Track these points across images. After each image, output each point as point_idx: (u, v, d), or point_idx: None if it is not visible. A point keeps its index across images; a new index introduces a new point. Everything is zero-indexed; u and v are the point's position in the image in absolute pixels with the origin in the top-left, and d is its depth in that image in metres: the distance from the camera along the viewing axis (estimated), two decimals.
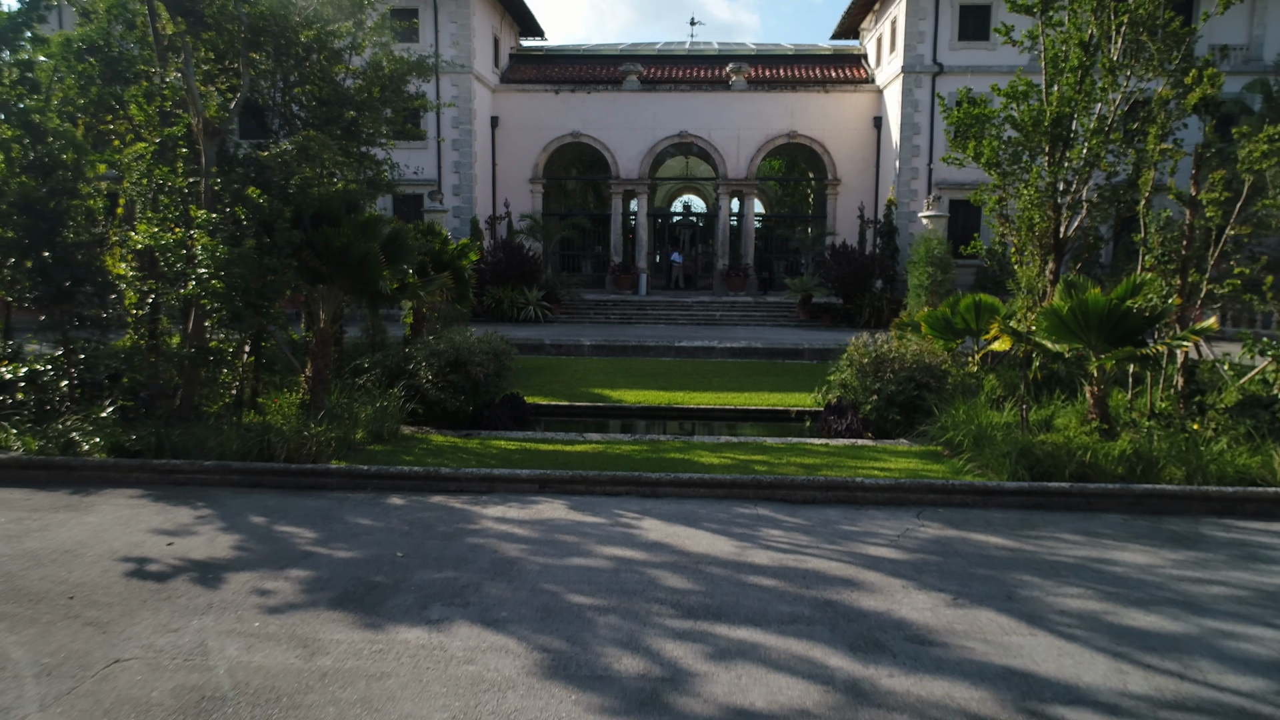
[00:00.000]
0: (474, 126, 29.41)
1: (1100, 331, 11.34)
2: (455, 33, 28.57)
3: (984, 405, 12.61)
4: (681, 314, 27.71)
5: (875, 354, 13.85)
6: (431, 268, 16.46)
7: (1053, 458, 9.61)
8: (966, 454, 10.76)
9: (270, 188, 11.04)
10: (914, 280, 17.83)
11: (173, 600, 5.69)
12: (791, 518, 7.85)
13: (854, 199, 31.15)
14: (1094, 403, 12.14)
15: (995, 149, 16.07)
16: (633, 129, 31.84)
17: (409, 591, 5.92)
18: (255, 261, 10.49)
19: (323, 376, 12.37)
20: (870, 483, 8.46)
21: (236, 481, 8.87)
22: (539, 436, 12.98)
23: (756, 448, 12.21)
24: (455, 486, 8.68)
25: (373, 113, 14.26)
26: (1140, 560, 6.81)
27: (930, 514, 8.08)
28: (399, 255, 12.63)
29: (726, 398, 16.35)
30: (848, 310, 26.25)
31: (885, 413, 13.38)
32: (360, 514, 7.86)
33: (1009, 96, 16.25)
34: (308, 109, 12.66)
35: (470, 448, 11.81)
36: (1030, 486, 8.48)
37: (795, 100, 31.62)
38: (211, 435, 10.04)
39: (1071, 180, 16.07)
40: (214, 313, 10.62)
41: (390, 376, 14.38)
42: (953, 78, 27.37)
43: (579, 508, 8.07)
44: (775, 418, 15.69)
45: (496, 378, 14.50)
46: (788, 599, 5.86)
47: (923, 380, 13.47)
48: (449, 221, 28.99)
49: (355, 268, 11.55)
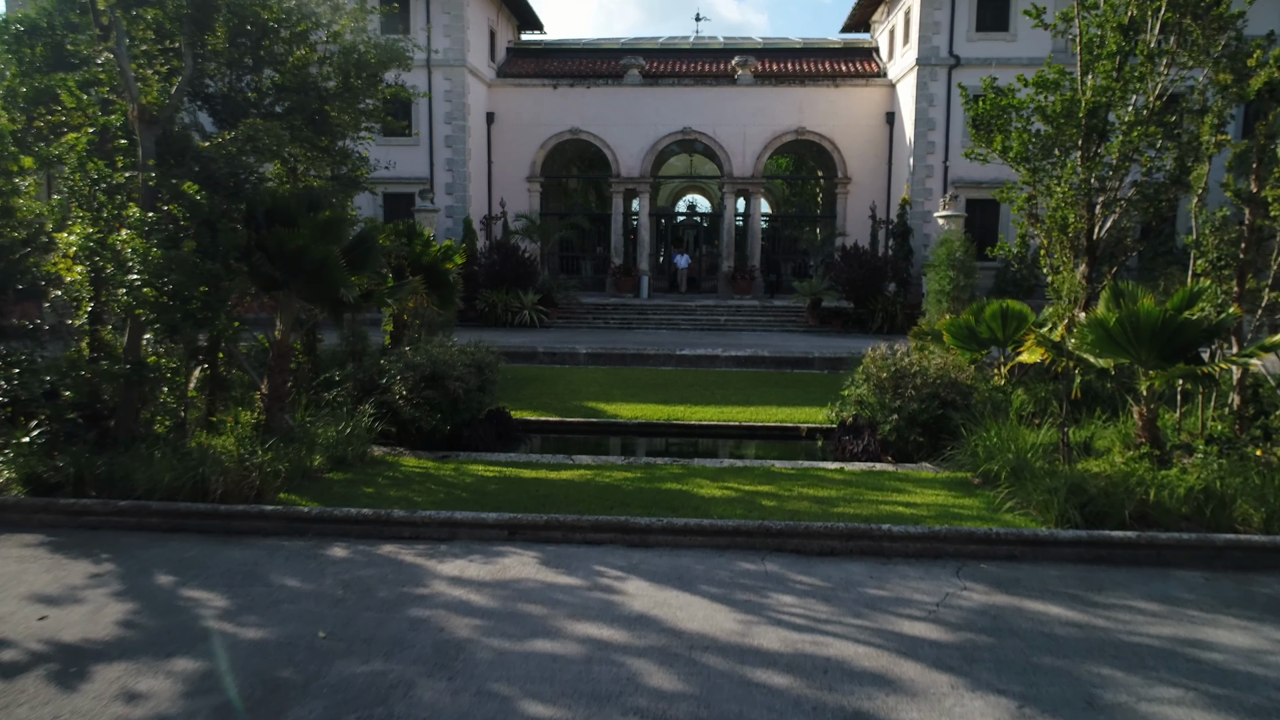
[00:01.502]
0: (468, 122, 28.12)
1: (1152, 346, 10.02)
2: (448, 24, 27.29)
3: (1016, 426, 11.27)
4: (684, 319, 26.39)
5: (895, 368, 12.52)
6: (410, 271, 15.18)
7: (1107, 495, 8.28)
8: (1004, 487, 9.43)
9: (216, 183, 9.77)
10: (933, 285, 16.51)
11: (8, 713, 4.40)
12: (807, 577, 6.54)
13: (865, 198, 29.78)
14: (1143, 425, 10.80)
15: (1026, 142, 14.73)
16: (634, 125, 30.52)
17: (319, 696, 4.63)
18: (194, 266, 9.22)
19: (280, 394, 11.09)
20: (899, 531, 7.14)
21: (156, 525, 7.60)
22: (523, 459, 11.70)
23: (763, 474, 10.90)
24: (410, 533, 7.39)
25: (344, 102, 12.98)
26: (1242, 643, 5.48)
27: (972, 570, 6.76)
28: (366, 259, 11.34)
29: (731, 412, 15.04)
30: (859, 315, 24.92)
31: (906, 433, 12.04)
32: (290, 571, 6.57)
33: (1039, 86, 14.90)
34: (266, 96, 11.37)
35: (443, 475, 10.52)
36: (1090, 536, 7.15)
37: (804, 95, 30.27)
38: (142, 466, 8.76)
39: (1107, 176, 14.73)
40: (149, 324, 9.36)
41: (363, 391, 13.10)
42: (970, 70, 25.99)
43: (553, 562, 6.77)
44: (784, 435, 14.38)
45: (479, 392, 13.20)
46: (805, 710, 4.54)
47: (948, 398, 12.13)
48: (441, 221, 27.72)
49: (313, 272, 10.27)
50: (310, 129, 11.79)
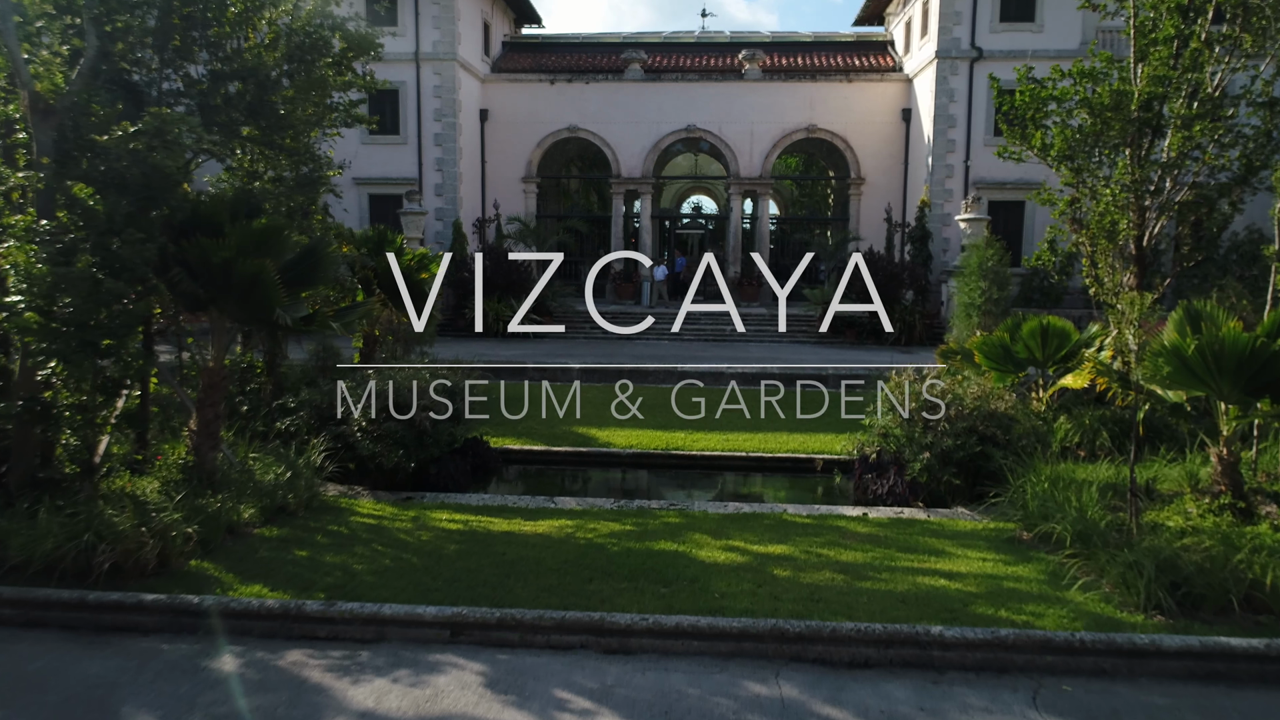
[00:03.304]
0: (459, 120, 26.53)
1: (1237, 379, 8.42)
2: (438, 15, 25.70)
3: (1071, 468, 9.62)
4: (688, 328, 24.75)
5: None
6: (379, 283, 13.61)
7: (1205, 573, 6.65)
8: (1068, 551, 7.81)
9: (126, 185, 8.20)
10: (961, 297, 14.86)
11: None
12: (835, 709, 4.92)
13: (880, 200, 28.08)
14: (1222, 469, 9.18)
15: (1069, 139, 13.07)
16: (635, 123, 28.89)
17: None
18: (92, 285, 7.66)
19: (211, 430, 9.52)
20: (953, 636, 5.52)
21: (9, 619, 6.01)
22: (496, 503, 10.14)
23: (774, 525, 9.33)
24: (327, 631, 5.80)
25: (301, 93, 11.39)
26: None
27: (1053, 697, 5.14)
28: (315, 274, 9.77)
29: (736, 440, 13.43)
30: (874, 325, 23.23)
31: (939, 473, 10.42)
32: (155, 699, 4.99)
33: (1081, 76, 13.25)
34: (198, 85, 9.78)
35: (397, 529, 8.94)
36: (1203, 646, 5.50)
37: (815, 91, 28.59)
38: (21, 529, 7.19)
39: (1160, 176, 13.07)
40: (38, 354, 7.80)
41: (320, 419, 11.53)
42: (993, 64, 24.27)
43: (503, 682, 5.17)
44: (797, 468, 12.76)
45: (452, 422, 11.61)
46: None
47: (986, 432, 10.50)
48: (430, 224, 26.15)
49: (244, 290, 8.70)
50: (255, 122, 10.19)
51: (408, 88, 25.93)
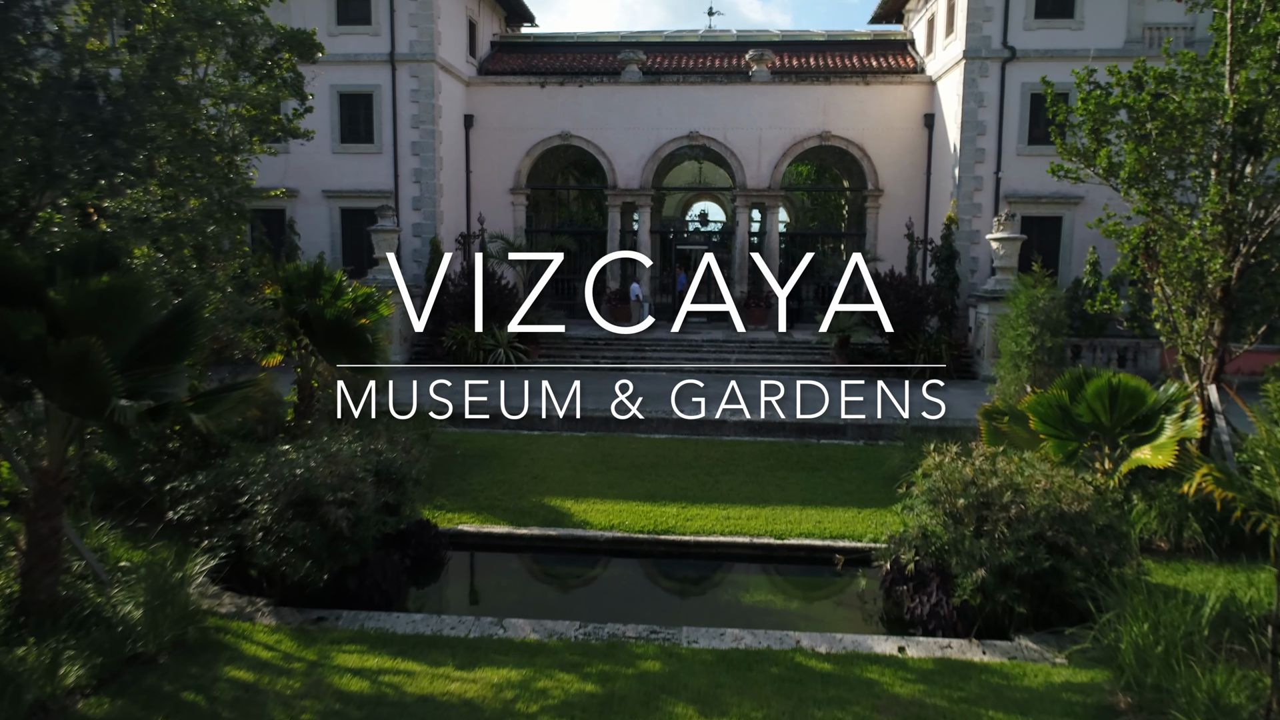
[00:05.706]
0: (439, 126, 24.25)
1: None
2: (415, 13, 23.42)
3: (1180, 609, 7.25)
4: (687, 357, 22.43)
5: (976, 491, 8.54)
6: (305, 331, 11.35)
7: None
8: None
9: None
10: (1008, 344, 12.53)
11: None
12: None
13: (900, 213, 25.67)
14: None
15: (1144, 157, 10.72)
16: (633, 129, 26.57)
17: None
18: None
19: (46, 550, 7.28)
20: None
21: None
22: (429, 630, 7.93)
23: (785, 676, 7.10)
24: None
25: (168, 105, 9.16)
26: None
27: None
28: (182, 345, 7.51)
29: (739, 517, 11.15)
30: (895, 355, 20.86)
31: (995, 593, 8.07)
32: None
33: (1158, 80, 10.92)
34: (23, 94, 7.54)
35: (282, 690, 6.68)
36: None
37: (828, 94, 26.22)
38: None
39: (1257, 204, 10.73)
40: None
41: (222, 509, 9.28)
42: (1027, 64, 21.93)
43: None
44: (812, 560, 10.44)
45: (382, 513, 9.29)
46: None
47: (1058, 540, 8.15)
48: (407, 242, 23.92)
49: (69, 375, 6.44)
50: (109, 144, 7.94)
51: (382, 91, 23.68)
